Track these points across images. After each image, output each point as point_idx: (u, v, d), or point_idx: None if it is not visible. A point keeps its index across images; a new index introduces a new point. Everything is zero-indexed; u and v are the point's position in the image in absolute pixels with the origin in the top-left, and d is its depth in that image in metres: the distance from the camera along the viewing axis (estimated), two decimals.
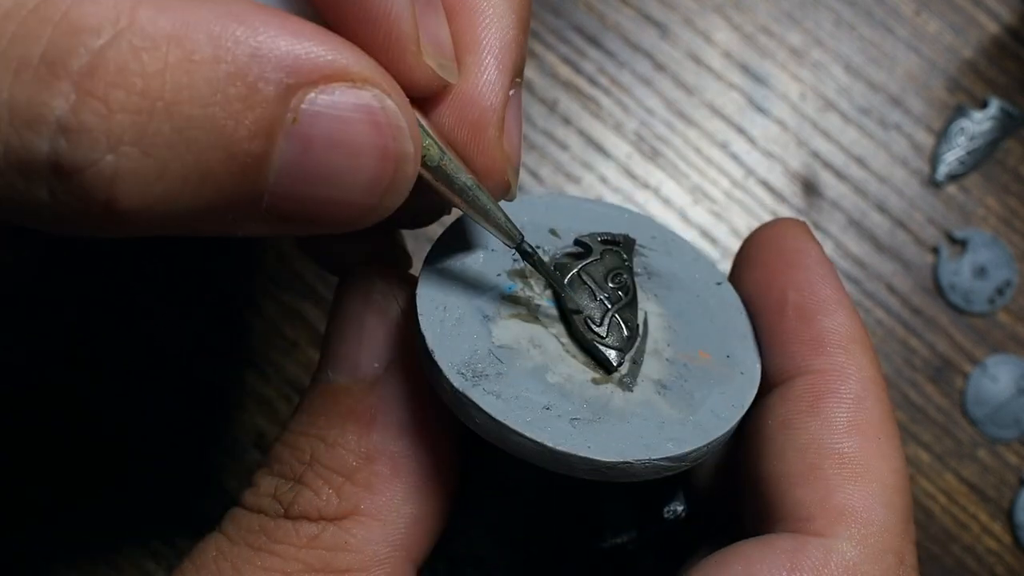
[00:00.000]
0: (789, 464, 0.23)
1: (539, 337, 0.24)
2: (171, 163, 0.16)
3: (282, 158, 0.17)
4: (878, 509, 0.22)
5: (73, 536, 0.40)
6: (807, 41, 0.47)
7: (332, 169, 0.18)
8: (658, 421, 0.23)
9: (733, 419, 0.23)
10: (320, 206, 0.18)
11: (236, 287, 0.42)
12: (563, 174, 0.45)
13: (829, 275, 0.25)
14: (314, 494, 0.24)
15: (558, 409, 0.23)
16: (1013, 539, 0.42)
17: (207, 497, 0.41)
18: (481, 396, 0.23)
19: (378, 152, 0.18)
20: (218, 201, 0.17)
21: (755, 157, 0.45)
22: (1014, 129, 0.46)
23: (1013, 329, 0.44)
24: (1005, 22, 0.47)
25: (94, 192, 0.16)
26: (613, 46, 0.46)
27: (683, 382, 0.24)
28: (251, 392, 0.42)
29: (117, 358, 0.41)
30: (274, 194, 0.18)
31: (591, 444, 0.22)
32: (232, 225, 0.18)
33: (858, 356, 0.24)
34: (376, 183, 0.19)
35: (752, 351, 0.25)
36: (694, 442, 0.22)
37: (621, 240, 0.26)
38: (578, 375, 0.24)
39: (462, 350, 0.23)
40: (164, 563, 0.40)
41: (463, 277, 0.25)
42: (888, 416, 0.24)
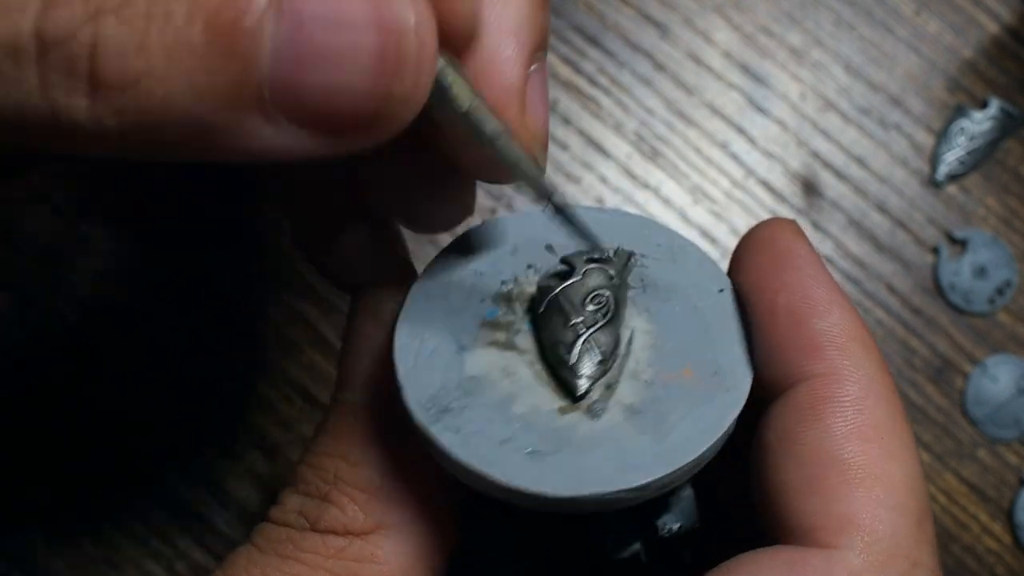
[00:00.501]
0: (790, 476, 0.22)
1: (512, 365, 0.24)
2: (151, 35, 0.16)
3: (275, 38, 0.17)
4: (884, 514, 0.21)
5: (73, 536, 0.40)
6: (807, 41, 0.47)
7: (330, 48, 0.17)
8: (621, 450, 0.22)
9: (705, 444, 0.22)
10: (328, 94, 0.17)
11: (236, 287, 0.42)
12: (563, 174, 0.45)
13: (820, 274, 0.24)
14: (340, 511, 0.24)
15: (517, 442, 0.22)
16: (1013, 539, 0.42)
17: (208, 498, 0.41)
18: (441, 432, 0.22)
19: (375, 24, 0.17)
20: (211, 88, 0.17)
21: (755, 157, 0.45)
22: (1014, 129, 0.46)
23: (1013, 329, 0.44)
24: (1005, 22, 0.47)
25: (78, 64, 0.16)
26: (613, 46, 0.46)
27: (659, 405, 0.23)
28: (252, 392, 0.42)
29: (117, 358, 0.41)
30: (275, 83, 0.17)
31: (543, 478, 0.21)
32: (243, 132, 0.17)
33: (857, 355, 0.23)
34: (380, 61, 0.18)
35: (743, 364, 0.24)
36: (656, 472, 0.21)
37: (612, 256, 0.25)
38: (545, 405, 0.23)
39: (431, 383, 0.23)
40: (164, 563, 0.40)
41: (446, 304, 0.25)
42: (894, 413, 0.23)
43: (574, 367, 0.23)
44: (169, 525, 0.40)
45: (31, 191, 0.42)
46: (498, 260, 0.26)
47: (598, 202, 0.44)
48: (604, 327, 0.24)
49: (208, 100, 0.17)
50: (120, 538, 0.40)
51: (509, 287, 0.25)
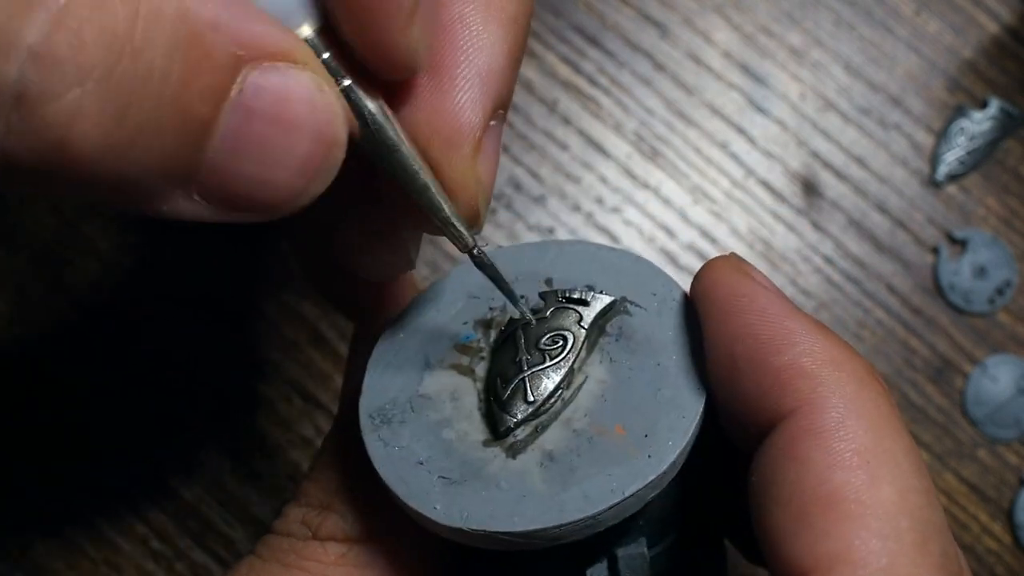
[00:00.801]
0: (777, 518, 0.21)
1: (461, 390, 0.24)
2: (131, 110, 0.17)
3: (224, 128, 0.18)
4: (878, 544, 0.20)
5: (73, 536, 0.40)
6: (807, 41, 0.47)
7: (269, 146, 0.18)
8: (520, 493, 0.22)
9: (602, 504, 0.21)
10: (251, 185, 0.19)
11: (236, 287, 0.43)
12: (563, 174, 0.45)
13: (769, 308, 0.23)
14: (340, 518, 0.25)
15: (432, 465, 0.23)
16: (1013, 539, 0.42)
17: (208, 497, 0.41)
18: (372, 441, 0.23)
19: (314, 133, 0.19)
20: (162, 164, 0.18)
21: (755, 157, 0.45)
22: (1014, 129, 0.46)
23: (1013, 329, 0.44)
24: (1005, 22, 0.47)
25: (52, 128, 0.16)
26: (613, 46, 0.46)
27: (575, 456, 0.22)
28: (251, 392, 0.42)
29: (117, 358, 0.41)
30: (211, 166, 0.18)
31: (439, 505, 0.22)
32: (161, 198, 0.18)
33: (829, 380, 0.21)
34: (308, 165, 0.19)
35: (680, 434, 0.22)
36: (541, 522, 0.21)
37: (589, 299, 0.25)
38: (473, 434, 0.23)
39: (386, 394, 0.24)
40: (164, 563, 0.40)
41: (432, 322, 0.25)
42: (881, 432, 0.21)
43: (505, 403, 0.23)
44: (169, 525, 0.40)
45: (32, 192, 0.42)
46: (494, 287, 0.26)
47: (598, 202, 0.44)
48: (547, 369, 0.24)
49: (152, 174, 0.18)
50: (120, 538, 0.40)
51: (494, 314, 0.26)
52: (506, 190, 0.44)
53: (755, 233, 0.45)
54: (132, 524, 0.40)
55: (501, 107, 0.23)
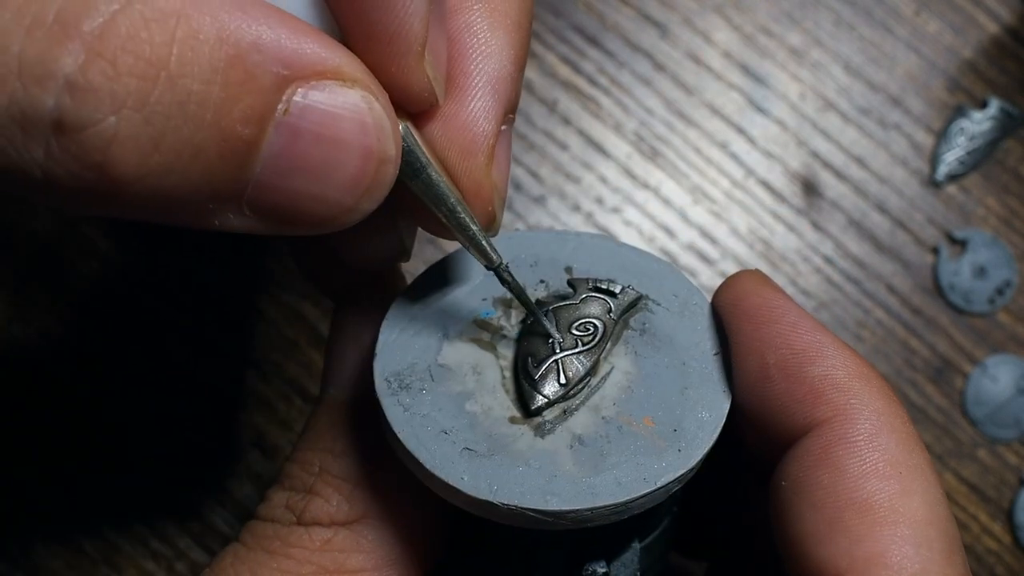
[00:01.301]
0: (809, 524, 0.22)
1: (483, 365, 0.24)
2: (168, 135, 0.17)
3: (270, 148, 0.18)
4: (912, 551, 0.21)
5: (73, 536, 0.40)
6: (807, 41, 0.47)
7: (316, 163, 0.18)
8: (550, 473, 0.22)
9: (635, 492, 0.22)
10: (299, 201, 0.19)
11: (236, 288, 0.43)
12: (563, 174, 0.45)
13: (800, 321, 0.24)
14: (325, 501, 0.25)
15: (456, 436, 0.23)
16: (1013, 539, 0.42)
17: (207, 497, 0.41)
18: (391, 405, 0.23)
19: (362, 151, 0.19)
20: (205, 184, 0.18)
21: (755, 157, 0.45)
22: (1014, 129, 0.46)
23: (1013, 329, 0.44)
24: (1005, 22, 0.47)
25: (90, 153, 0.16)
26: (613, 46, 0.46)
27: (605, 443, 0.23)
28: (251, 392, 0.42)
29: (117, 358, 0.41)
30: (258, 184, 0.18)
31: (466, 476, 0.22)
32: (211, 214, 0.19)
33: (861, 392, 0.23)
34: (357, 182, 0.19)
35: (708, 432, 0.23)
36: (574, 503, 0.21)
37: (618, 292, 0.25)
38: (499, 410, 0.24)
39: (403, 360, 0.24)
40: (164, 563, 0.40)
41: (448, 294, 0.26)
42: (910, 445, 0.22)
43: (536, 382, 0.24)
44: (169, 525, 0.40)
45: None
46: (515, 268, 0.26)
47: (598, 202, 0.44)
48: (580, 354, 0.24)
49: (198, 194, 0.18)
50: (120, 538, 0.40)
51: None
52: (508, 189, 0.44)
53: (755, 233, 0.45)
54: (132, 524, 0.40)
55: (510, 111, 0.24)
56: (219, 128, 0.17)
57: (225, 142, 0.17)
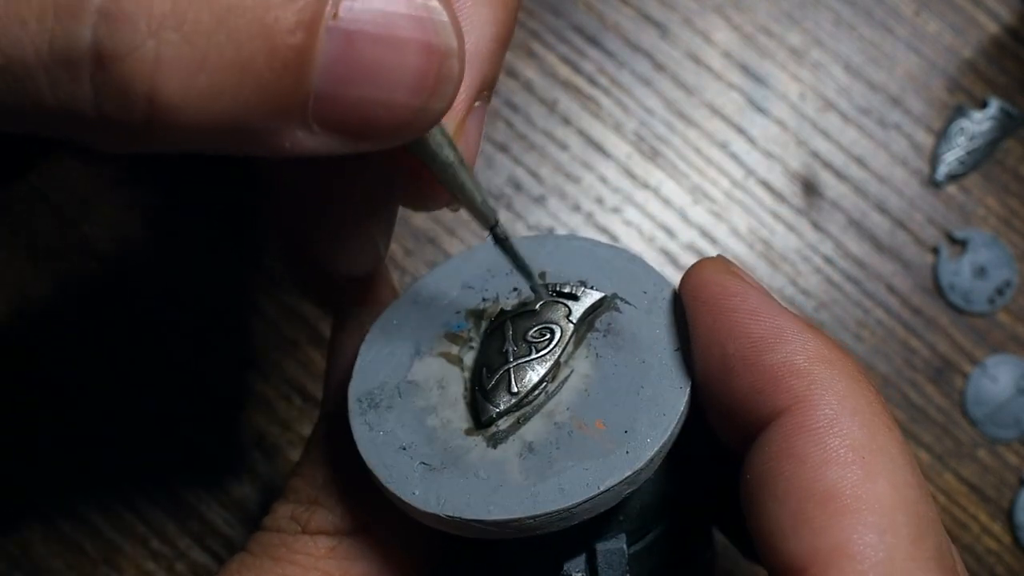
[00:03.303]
0: (774, 518, 0.21)
1: (449, 379, 0.24)
2: (211, 52, 0.16)
3: (325, 55, 0.17)
4: (875, 539, 0.20)
5: (73, 536, 0.40)
6: (807, 41, 0.47)
7: (376, 66, 0.18)
8: (497, 483, 0.22)
9: (577, 497, 0.21)
10: (368, 109, 0.18)
11: (236, 287, 0.43)
12: (563, 174, 0.45)
13: (761, 307, 0.23)
14: (329, 512, 0.25)
15: (415, 451, 0.23)
16: (1013, 539, 0.42)
17: (207, 497, 0.41)
18: (358, 424, 0.24)
19: (422, 47, 0.18)
20: (261, 101, 0.17)
21: (755, 157, 0.45)
22: (1014, 129, 0.46)
23: (1013, 329, 0.44)
24: (1005, 22, 0.47)
25: (136, 81, 0.16)
26: (613, 46, 0.46)
27: (554, 449, 0.22)
28: (251, 392, 0.42)
29: (117, 358, 0.41)
30: (320, 97, 0.18)
31: (417, 490, 0.22)
32: (279, 136, 0.18)
33: (822, 376, 0.22)
34: (422, 80, 0.18)
35: (660, 431, 0.22)
36: (516, 512, 0.21)
37: (579, 294, 0.25)
38: (456, 422, 0.24)
39: (375, 379, 0.24)
40: (164, 563, 0.40)
41: (425, 310, 0.26)
42: (875, 427, 0.21)
43: (488, 393, 0.24)
44: (169, 525, 0.40)
45: (31, 191, 0.42)
46: (491, 278, 0.26)
47: (598, 202, 0.44)
48: (533, 361, 0.24)
49: (257, 112, 0.17)
50: (120, 538, 0.40)
51: (486, 305, 0.26)
52: (506, 190, 0.44)
53: (755, 233, 0.45)
54: (132, 524, 0.40)
55: (486, 88, 0.23)
56: (265, 39, 0.17)
57: (274, 53, 0.17)
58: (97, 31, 0.16)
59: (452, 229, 0.44)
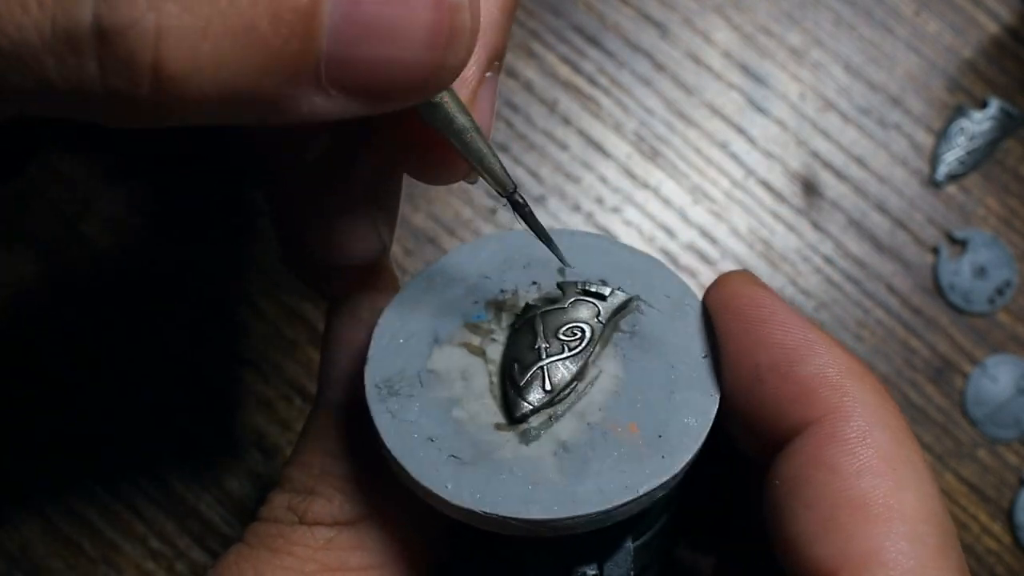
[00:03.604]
0: (805, 521, 0.21)
1: (472, 370, 0.24)
2: (213, 20, 0.16)
3: (332, 16, 0.17)
4: (906, 547, 0.20)
5: (73, 536, 0.40)
6: (807, 41, 0.47)
7: (386, 23, 0.18)
8: (532, 481, 0.22)
9: (616, 500, 0.22)
10: (383, 68, 0.18)
11: (236, 287, 0.42)
12: (563, 174, 0.45)
13: (789, 320, 0.23)
14: (327, 501, 0.25)
15: (442, 443, 0.23)
16: (1013, 539, 0.42)
17: (208, 498, 0.41)
18: (379, 412, 0.23)
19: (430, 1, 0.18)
20: (269, 66, 0.17)
21: (755, 157, 0.45)
22: (1014, 129, 0.46)
23: (1013, 329, 0.44)
24: (1005, 22, 0.47)
25: (140, 53, 0.16)
26: (613, 46, 0.46)
27: (589, 449, 0.23)
28: (251, 392, 0.42)
29: (117, 358, 0.41)
30: (331, 59, 0.17)
31: (450, 484, 0.22)
32: (294, 101, 0.18)
33: (852, 389, 0.22)
34: (435, 35, 0.18)
35: (693, 438, 0.23)
36: (555, 512, 0.21)
37: (607, 294, 0.25)
38: (485, 416, 0.23)
39: (393, 366, 0.24)
40: (164, 563, 0.40)
41: (441, 297, 0.25)
42: (903, 440, 0.22)
43: (521, 389, 0.23)
44: (169, 525, 0.40)
45: (31, 191, 0.42)
46: (507, 269, 0.26)
47: (598, 202, 0.44)
48: (566, 360, 0.24)
49: (267, 79, 0.17)
50: (120, 538, 0.40)
51: (505, 297, 0.26)
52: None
53: (755, 233, 0.45)
54: (132, 524, 0.40)
55: (496, 59, 0.23)
56: (268, 4, 0.17)
57: (278, 18, 0.17)
58: (97, 8, 0.16)
59: (452, 229, 0.44)
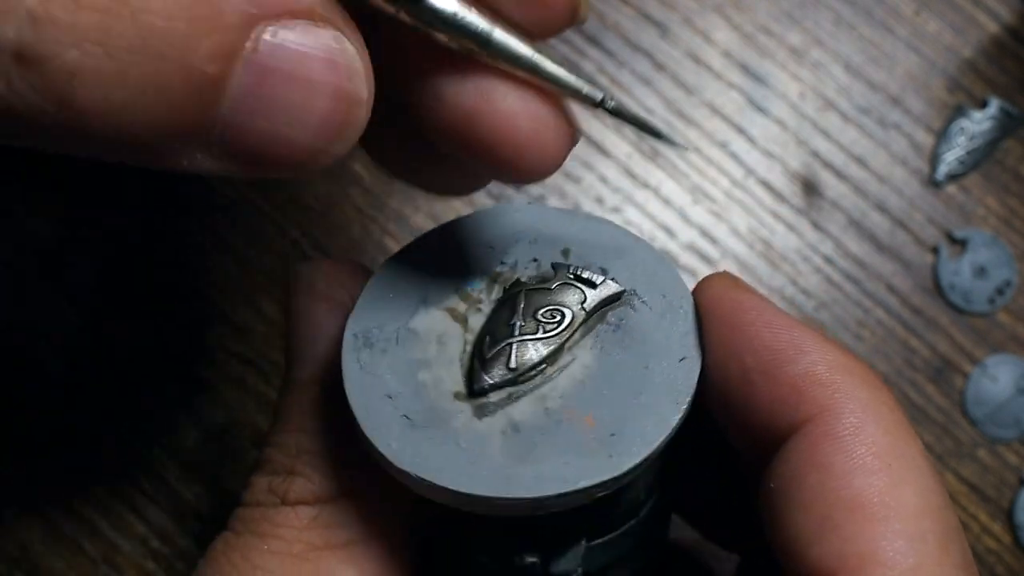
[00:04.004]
0: (800, 523, 0.21)
1: (449, 336, 0.24)
2: (132, 70, 0.17)
3: (238, 87, 0.18)
4: (904, 545, 0.20)
5: (73, 536, 0.40)
6: (807, 41, 0.47)
7: (286, 104, 0.18)
8: (474, 455, 0.22)
9: (549, 490, 0.21)
10: (270, 142, 0.19)
11: (236, 288, 0.43)
12: (563, 174, 0.45)
13: (777, 319, 0.23)
14: (307, 480, 0.24)
15: (399, 402, 0.23)
16: (1013, 539, 0.42)
17: (207, 497, 0.41)
18: (349, 360, 0.23)
19: (333, 91, 0.18)
20: (172, 120, 0.18)
21: (755, 157, 0.45)
22: (1014, 129, 0.46)
23: (1013, 329, 0.44)
24: (1005, 22, 0.47)
25: (53, 85, 0.16)
26: (613, 45, 0.46)
27: (539, 434, 0.22)
28: (251, 392, 0.42)
29: (117, 358, 0.41)
30: (227, 123, 0.18)
31: (394, 443, 0.22)
32: (179, 154, 0.18)
33: (844, 386, 0.22)
34: (328, 123, 0.19)
35: (647, 444, 0.22)
36: (487, 489, 0.21)
37: (599, 282, 0.24)
38: (448, 384, 0.23)
39: (375, 319, 0.24)
40: (164, 563, 0.40)
41: (440, 260, 0.25)
42: (899, 435, 0.21)
43: (486, 363, 0.23)
44: (169, 525, 0.40)
45: (31, 191, 0.42)
46: (514, 242, 0.26)
47: (598, 202, 0.44)
48: (538, 341, 0.23)
49: (164, 131, 0.18)
50: (120, 538, 0.40)
51: (503, 269, 0.25)
52: (506, 190, 0.44)
53: (755, 233, 0.45)
54: (132, 524, 0.40)
55: None
56: (184, 65, 0.17)
57: (190, 79, 0.17)
58: (21, 32, 0.16)
59: None
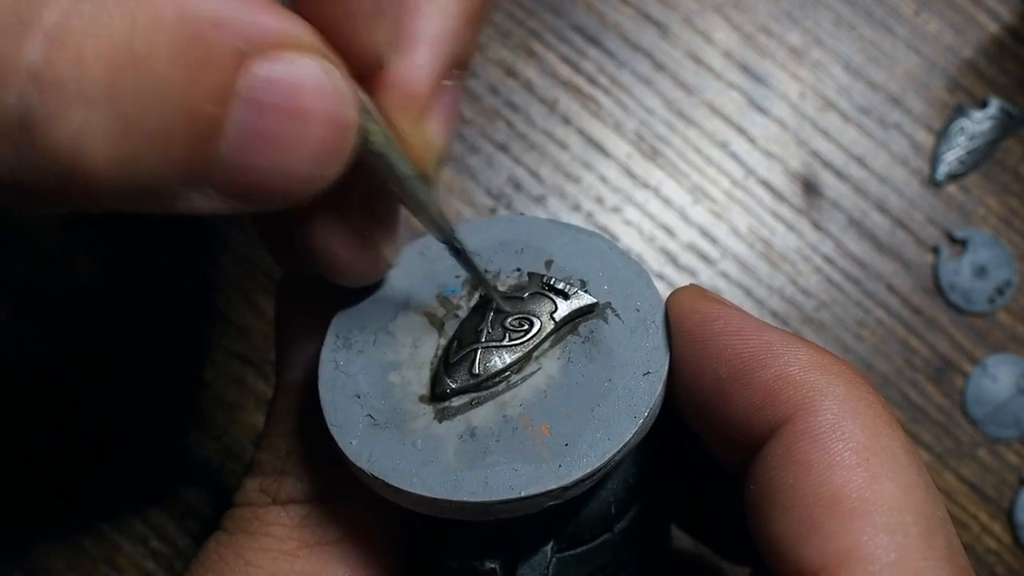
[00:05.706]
0: (781, 526, 0.21)
1: (424, 340, 0.25)
2: (138, 122, 0.16)
3: (236, 124, 0.18)
4: (885, 539, 0.20)
5: (73, 536, 0.40)
6: (807, 41, 0.47)
7: (283, 136, 0.18)
8: (429, 458, 0.22)
9: (496, 495, 0.21)
10: (267, 176, 0.19)
11: (236, 287, 0.43)
12: (563, 174, 0.45)
13: (745, 327, 0.23)
14: (297, 479, 0.25)
15: (366, 402, 0.23)
16: (1013, 539, 0.42)
17: (207, 497, 0.41)
18: (326, 360, 0.24)
19: (325, 119, 0.19)
20: (176, 168, 0.18)
21: (755, 157, 0.45)
22: (1014, 129, 0.46)
23: (1013, 329, 0.44)
24: (1005, 22, 0.47)
25: (61, 149, 0.16)
26: (613, 46, 0.46)
27: (493, 440, 0.22)
28: (251, 392, 0.42)
29: (116, 357, 0.41)
30: (224, 164, 0.18)
31: (355, 441, 0.22)
32: (182, 199, 0.18)
33: (819, 382, 0.21)
34: (322, 150, 0.19)
35: (598, 456, 0.22)
36: (436, 491, 0.21)
37: (572, 293, 0.24)
38: (415, 386, 0.24)
39: (357, 322, 0.25)
40: (164, 563, 0.40)
41: (428, 267, 0.26)
42: (878, 428, 0.21)
43: (450, 367, 0.24)
44: (169, 525, 0.40)
45: None
46: (500, 251, 0.26)
47: (598, 202, 0.44)
48: (503, 349, 0.24)
49: (167, 179, 0.18)
50: (120, 538, 0.40)
51: (488, 275, 0.26)
52: (506, 190, 0.44)
53: (755, 233, 0.45)
54: (132, 524, 0.40)
55: (457, 67, 0.23)
56: (186, 109, 0.17)
57: (193, 123, 0.17)
58: (24, 95, 0.15)
59: None
